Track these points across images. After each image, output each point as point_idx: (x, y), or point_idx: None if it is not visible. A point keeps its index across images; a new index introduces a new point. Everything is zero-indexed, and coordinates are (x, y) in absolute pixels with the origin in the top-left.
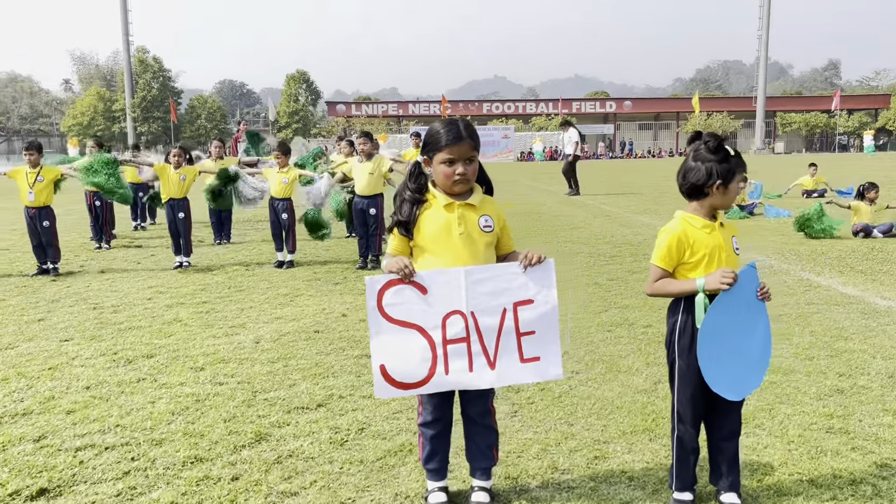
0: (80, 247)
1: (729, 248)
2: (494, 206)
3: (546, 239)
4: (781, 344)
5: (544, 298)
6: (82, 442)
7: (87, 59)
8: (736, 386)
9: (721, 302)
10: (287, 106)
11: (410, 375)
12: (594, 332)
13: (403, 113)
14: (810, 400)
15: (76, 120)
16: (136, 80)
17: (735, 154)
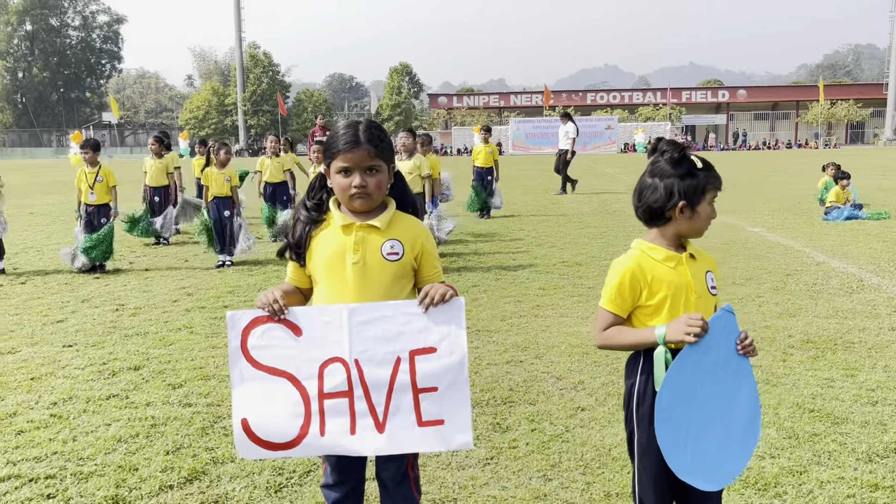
0: (138, 242)
1: (701, 286)
2: (410, 229)
3: (607, 241)
4: (843, 382)
5: (450, 347)
6: (8, 471)
7: (207, 56)
8: (709, 471)
9: (686, 359)
10: (390, 98)
11: (278, 434)
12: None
13: (505, 104)
14: (856, 462)
15: (192, 114)
16: (248, 74)
17: (704, 167)
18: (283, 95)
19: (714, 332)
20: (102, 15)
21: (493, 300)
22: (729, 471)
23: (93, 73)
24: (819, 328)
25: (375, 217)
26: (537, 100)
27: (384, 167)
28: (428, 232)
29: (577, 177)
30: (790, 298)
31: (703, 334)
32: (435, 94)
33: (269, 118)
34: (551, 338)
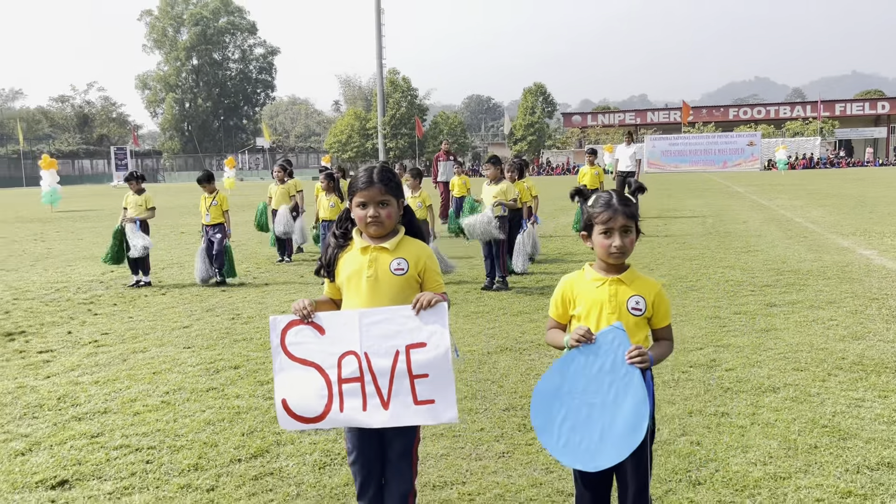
0: (266, 260)
1: (616, 305)
2: (415, 250)
3: (703, 262)
4: (873, 402)
5: (436, 342)
6: (123, 442)
7: (352, 82)
8: (580, 455)
9: (569, 360)
10: (523, 119)
11: (308, 410)
12: (666, 372)
13: (642, 121)
14: (842, 472)
15: (336, 138)
16: (387, 99)
17: (598, 201)
18: (421, 118)
19: (602, 343)
20: (259, 48)
21: None
22: (600, 461)
23: (249, 101)
24: (878, 352)
25: (387, 241)
26: (675, 116)
27: (393, 201)
28: (431, 252)
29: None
30: (863, 322)
31: (584, 342)
32: (569, 113)
33: (407, 140)
34: None
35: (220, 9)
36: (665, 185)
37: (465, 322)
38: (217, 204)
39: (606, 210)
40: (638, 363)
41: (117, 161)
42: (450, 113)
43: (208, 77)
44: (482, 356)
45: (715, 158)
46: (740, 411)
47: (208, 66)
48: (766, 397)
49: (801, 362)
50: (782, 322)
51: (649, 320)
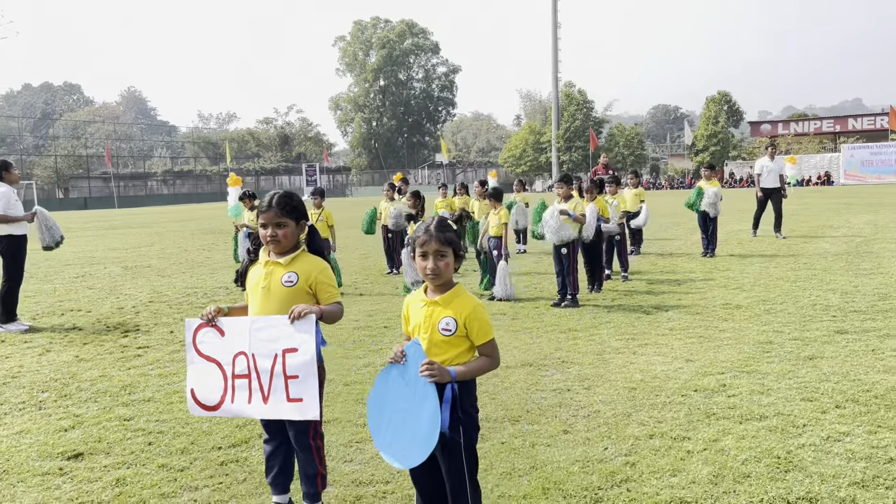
0: (378, 272)
1: (429, 325)
2: (308, 265)
3: (806, 284)
4: (850, 437)
5: (305, 348)
6: (144, 426)
7: (532, 96)
8: (397, 454)
9: (386, 373)
10: (705, 129)
11: (209, 400)
12: (664, 394)
13: (841, 129)
14: (746, 502)
15: (510, 152)
16: (562, 112)
17: (420, 226)
18: (597, 131)
19: (409, 358)
20: (441, 67)
21: (610, 335)
22: (410, 461)
23: (431, 118)
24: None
25: (283, 256)
26: (882, 122)
27: (290, 223)
28: (325, 267)
29: (869, 211)
30: None
31: (395, 357)
32: (757, 122)
33: (581, 154)
34: (611, 373)
35: (406, 31)
36: (847, 197)
37: (506, 335)
38: (323, 220)
39: (423, 234)
40: (427, 376)
41: (308, 177)
42: (628, 125)
43: (394, 97)
44: (501, 370)
45: None
46: (704, 437)
47: (394, 86)
48: (744, 425)
49: (817, 392)
50: (834, 350)
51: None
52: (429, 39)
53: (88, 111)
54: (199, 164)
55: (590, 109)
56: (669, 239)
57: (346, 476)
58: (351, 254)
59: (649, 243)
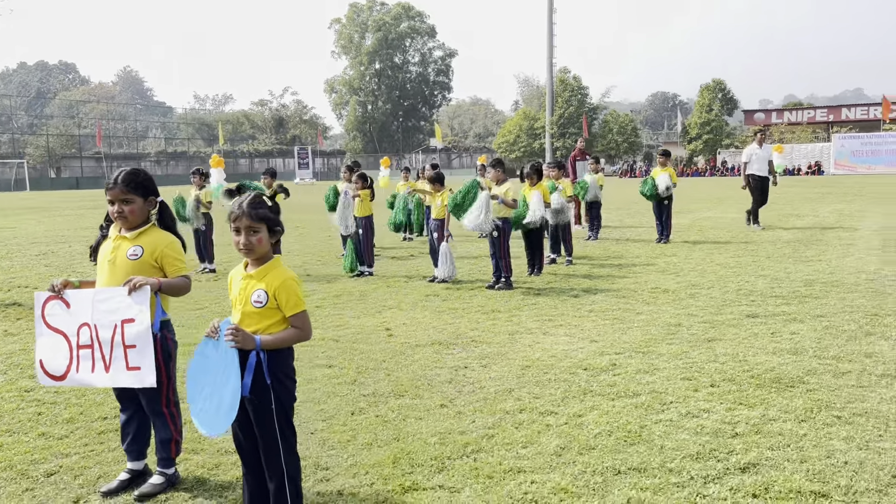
0: (334, 254)
1: (244, 298)
2: (154, 239)
3: (742, 270)
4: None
5: (141, 318)
6: (75, 401)
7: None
8: (206, 422)
9: (203, 345)
10: (699, 117)
11: (56, 370)
12: (555, 372)
13: (835, 119)
14: (571, 472)
15: (504, 138)
16: (557, 98)
17: (234, 202)
18: (592, 117)
19: (222, 331)
20: (437, 50)
21: (529, 316)
22: (217, 429)
23: (426, 103)
24: (794, 368)
25: (130, 231)
26: (875, 112)
27: (137, 199)
28: (171, 241)
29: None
30: (822, 339)
31: (210, 332)
32: (751, 111)
33: (575, 140)
34: (514, 352)
35: (402, 14)
36: (829, 187)
37: (429, 316)
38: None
39: (236, 210)
40: (230, 341)
41: (300, 160)
42: (622, 112)
43: (389, 80)
44: (409, 348)
45: None
46: (570, 412)
47: (389, 69)
48: (615, 402)
49: (700, 372)
50: (735, 333)
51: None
52: (425, 23)
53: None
54: (193, 146)
55: (584, 96)
56: (632, 226)
57: (213, 445)
58: (316, 235)
59: (611, 230)
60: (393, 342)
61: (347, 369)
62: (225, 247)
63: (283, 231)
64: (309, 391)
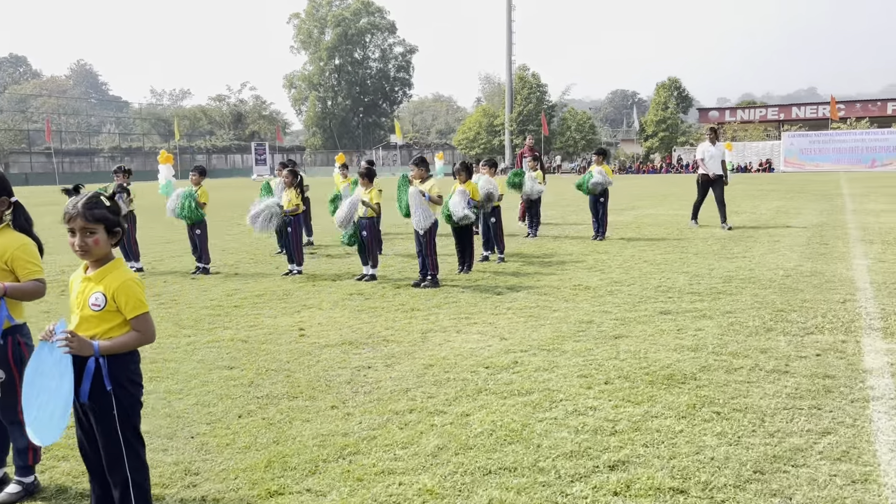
0: (268, 251)
1: (82, 301)
2: (5, 242)
3: (667, 266)
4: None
5: None
6: None
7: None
8: (41, 431)
9: (39, 350)
10: (655, 114)
11: None
12: (441, 370)
13: (786, 117)
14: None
15: (464, 135)
16: (516, 96)
17: (68, 203)
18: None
19: (58, 335)
20: (398, 47)
21: (447, 315)
22: (50, 437)
23: (387, 99)
24: (688, 365)
25: None
26: (823, 111)
27: None
28: (23, 244)
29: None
30: (724, 335)
31: (45, 335)
32: (705, 109)
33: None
34: (422, 350)
35: (361, 10)
36: (775, 184)
37: (347, 315)
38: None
39: (71, 210)
40: (63, 347)
41: (257, 156)
42: (580, 109)
43: (349, 76)
44: (317, 348)
45: (862, 157)
46: (459, 412)
47: (349, 65)
48: (507, 401)
49: (599, 369)
50: (643, 330)
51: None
52: (385, 19)
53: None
54: (149, 141)
55: (543, 93)
56: (574, 224)
57: None
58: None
59: (552, 227)
60: (303, 342)
61: (248, 371)
62: (152, 245)
63: (124, 232)
64: (201, 394)
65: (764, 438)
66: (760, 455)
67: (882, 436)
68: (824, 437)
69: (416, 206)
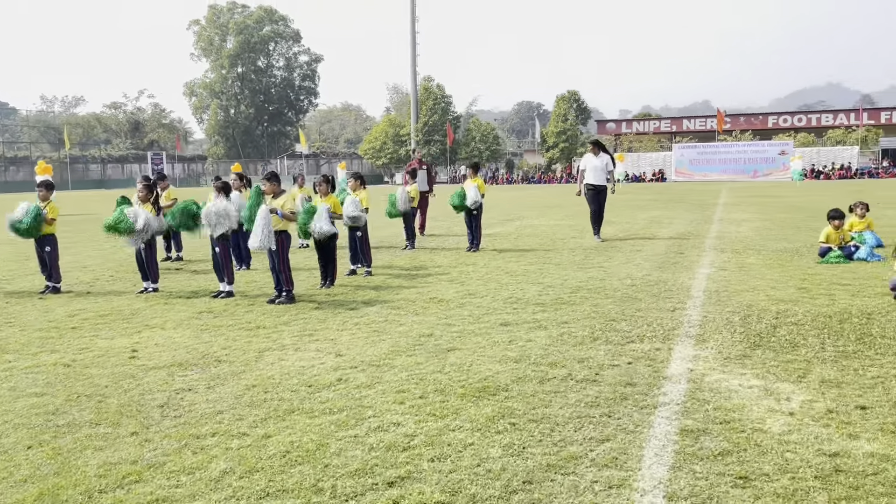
0: None
1: None
2: None
3: (525, 277)
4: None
5: None
6: None
7: (399, 89)
8: None
9: None
10: (556, 126)
11: None
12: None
13: (677, 129)
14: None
15: (371, 144)
16: (421, 106)
17: None
18: (455, 126)
19: None
20: (303, 55)
21: (291, 332)
22: None
23: (292, 107)
24: (510, 375)
25: None
26: (711, 123)
27: None
28: None
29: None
30: (521, 345)
31: None
32: (603, 121)
33: (439, 147)
34: (252, 371)
35: (265, 18)
36: (660, 194)
37: (188, 335)
38: (46, 213)
39: None
40: None
41: (153, 165)
42: (485, 121)
43: (252, 84)
44: (143, 371)
45: (745, 168)
46: (261, 433)
47: (253, 73)
48: (316, 419)
49: (420, 383)
50: (477, 342)
51: None
52: (289, 27)
53: None
54: (37, 150)
55: (448, 104)
56: (457, 235)
57: None
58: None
59: (433, 238)
60: (129, 365)
61: (58, 397)
62: (6, 263)
63: None
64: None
65: (547, 448)
66: (537, 465)
67: (654, 441)
68: (602, 445)
69: (261, 224)
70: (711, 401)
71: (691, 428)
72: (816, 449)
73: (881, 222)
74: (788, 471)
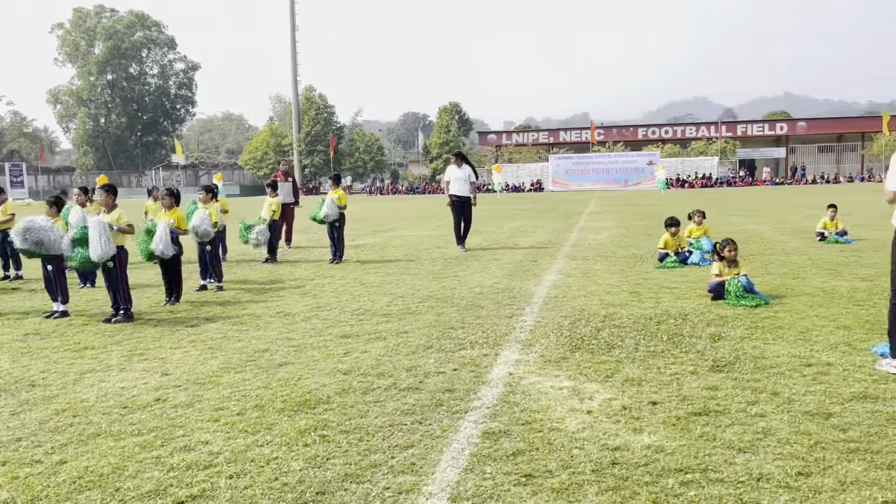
0: None
1: None
2: None
3: (379, 289)
4: None
5: None
6: None
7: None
8: None
9: None
10: (438, 137)
11: None
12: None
13: (554, 140)
14: None
15: (252, 154)
16: (303, 116)
17: None
18: (337, 136)
19: None
20: (179, 63)
21: (121, 351)
22: None
23: (168, 117)
24: (334, 388)
25: None
26: (586, 135)
27: None
28: None
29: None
30: (348, 352)
31: None
32: (485, 132)
33: (323, 158)
34: (65, 394)
35: (136, 23)
36: (533, 203)
37: (6, 360)
38: None
39: None
40: None
41: (12, 178)
42: (369, 131)
43: (124, 92)
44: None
45: (617, 177)
46: (57, 459)
47: (124, 80)
48: (117, 442)
49: (239, 401)
50: (310, 355)
51: None
52: (163, 34)
53: None
54: None
55: (331, 114)
56: (321, 247)
57: None
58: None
59: (301, 250)
60: None
61: None
62: None
63: None
64: None
65: (351, 458)
66: (335, 475)
67: (455, 444)
68: (404, 452)
69: (95, 234)
70: (521, 403)
71: (494, 430)
72: (602, 444)
73: (724, 228)
74: (570, 466)
